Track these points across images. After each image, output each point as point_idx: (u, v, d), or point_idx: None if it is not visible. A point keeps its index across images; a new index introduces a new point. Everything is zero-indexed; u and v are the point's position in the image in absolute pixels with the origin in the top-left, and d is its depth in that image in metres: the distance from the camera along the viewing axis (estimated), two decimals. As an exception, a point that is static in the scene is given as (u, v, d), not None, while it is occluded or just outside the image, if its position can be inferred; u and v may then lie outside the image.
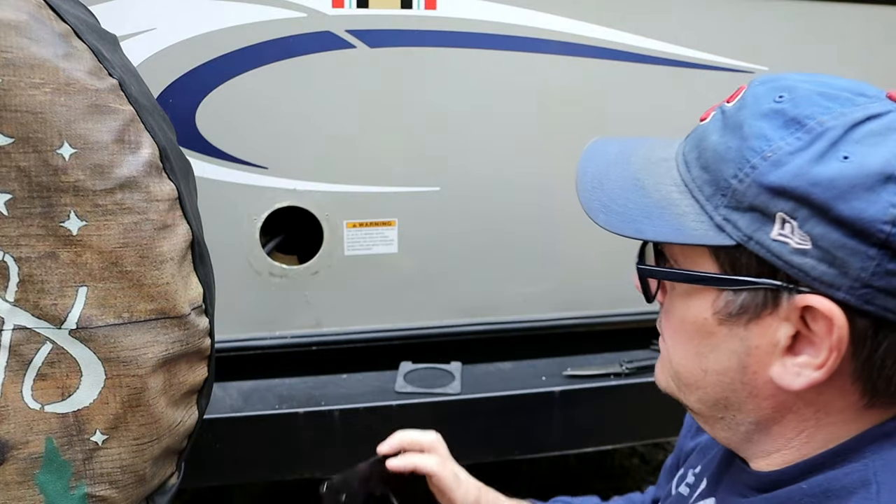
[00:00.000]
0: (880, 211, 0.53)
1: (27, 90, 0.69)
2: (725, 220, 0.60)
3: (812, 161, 0.56)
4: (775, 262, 0.57)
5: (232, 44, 1.06)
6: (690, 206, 0.63)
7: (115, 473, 0.79)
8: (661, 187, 0.66)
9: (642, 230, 0.64)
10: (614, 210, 0.67)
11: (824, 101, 0.58)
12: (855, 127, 0.56)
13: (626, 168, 0.70)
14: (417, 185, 1.22)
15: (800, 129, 0.57)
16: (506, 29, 1.15)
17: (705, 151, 0.63)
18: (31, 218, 0.72)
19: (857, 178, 0.54)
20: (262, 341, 1.24)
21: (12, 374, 0.75)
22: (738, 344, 0.61)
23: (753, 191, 0.58)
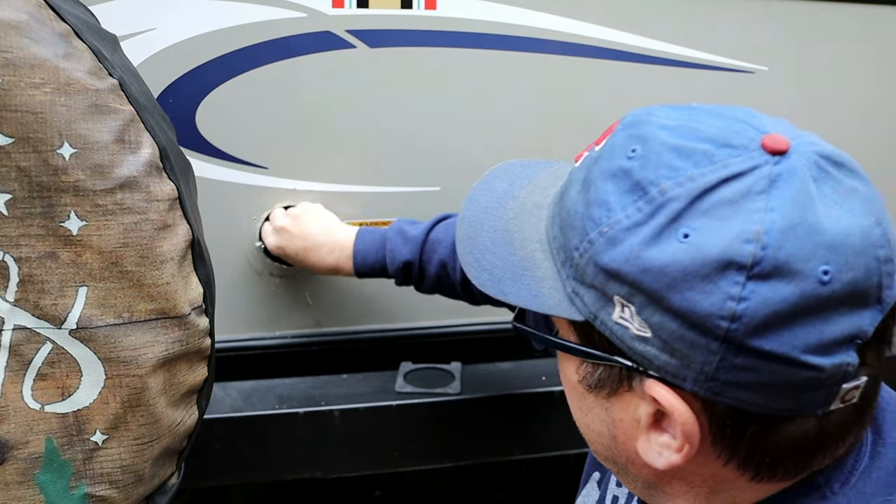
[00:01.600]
0: (716, 304, 0.47)
1: (27, 90, 0.69)
2: (574, 293, 0.55)
3: (647, 241, 0.49)
4: (620, 346, 0.53)
5: (232, 44, 1.06)
6: (550, 270, 0.58)
7: (115, 473, 0.79)
8: (528, 244, 0.61)
9: (505, 292, 0.60)
10: (484, 266, 0.62)
11: (675, 158, 0.50)
12: (704, 195, 0.48)
13: (500, 216, 0.65)
14: (417, 186, 1.22)
15: (642, 197, 0.50)
16: (506, 29, 1.15)
17: (563, 209, 0.58)
18: (31, 218, 0.72)
19: (692, 266, 0.47)
20: (262, 341, 1.24)
21: (12, 373, 0.75)
22: (605, 414, 0.58)
23: (591, 269, 0.53)
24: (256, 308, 1.22)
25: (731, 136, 0.51)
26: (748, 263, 0.46)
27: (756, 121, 0.52)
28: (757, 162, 0.49)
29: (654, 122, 0.54)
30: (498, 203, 0.67)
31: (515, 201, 0.66)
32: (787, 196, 0.47)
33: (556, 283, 0.57)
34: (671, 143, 0.51)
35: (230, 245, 1.18)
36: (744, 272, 0.46)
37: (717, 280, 0.47)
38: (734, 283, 0.47)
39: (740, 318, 0.47)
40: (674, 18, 1.21)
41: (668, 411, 0.52)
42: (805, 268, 0.46)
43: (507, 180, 0.70)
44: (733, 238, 0.47)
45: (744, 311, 0.47)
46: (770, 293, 0.46)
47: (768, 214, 0.47)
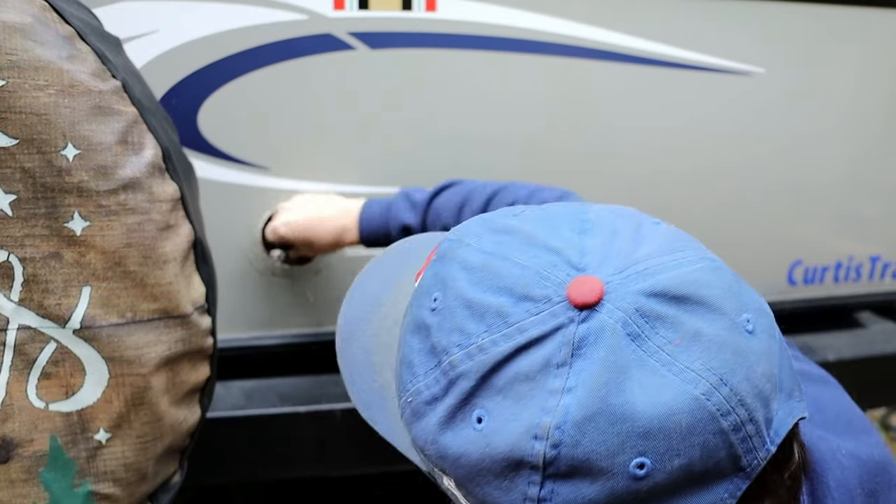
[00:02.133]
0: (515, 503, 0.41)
1: (31, 92, 0.70)
2: (413, 443, 0.48)
3: (442, 423, 0.43)
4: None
5: (234, 46, 1.07)
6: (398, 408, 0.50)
7: (118, 471, 0.80)
8: (384, 371, 0.53)
9: (374, 420, 0.53)
10: (356, 386, 0.56)
11: (467, 320, 0.42)
12: (497, 369, 0.41)
13: (364, 330, 0.57)
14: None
15: (437, 366, 0.43)
16: (507, 31, 1.16)
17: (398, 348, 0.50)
18: (35, 218, 0.73)
19: (483, 462, 0.41)
20: (263, 341, 1.24)
21: (17, 372, 0.76)
22: None
23: (410, 434, 0.47)
24: (258, 307, 1.23)
25: (534, 283, 0.42)
26: (540, 463, 0.39)
27: (574, 250, 0.43)
28: (560, 321, 0.40)
29: (461, 259, 0.46)
30: (365, 314, 0.59)
31: (380, 313, 0.57)
32: (589, 369, 0.39)
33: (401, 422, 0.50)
34: (466, 298, 0.43)
35: (232, 245, 1.18)
36: (538, 472, 0.40)
37: (512, 477, 0.40)
38: (530, 482, 0.40)
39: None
40: (672, 20, 1.22)
41: None
42: (611, 464, 0.39)
43: (379, 278, 0.61)
44: (522, 432, 0.40)
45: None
46: (573, 494, 0.39)
47: (564, 398, 0.39)
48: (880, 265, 1.52)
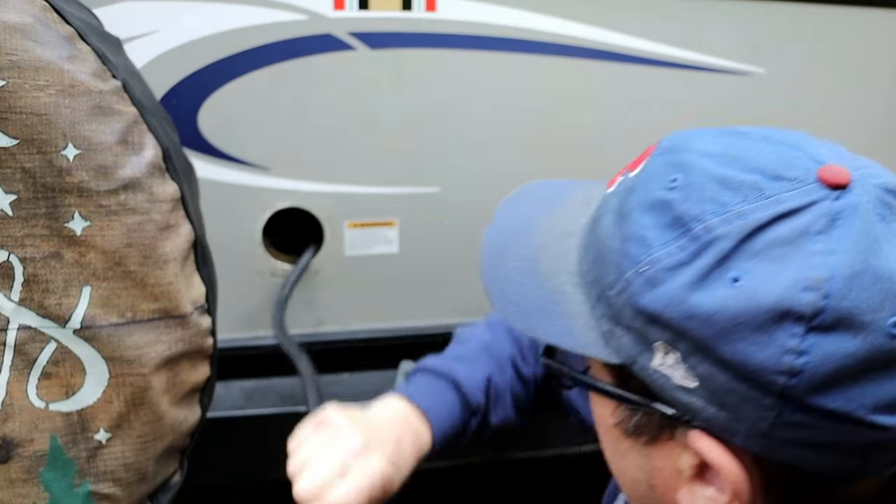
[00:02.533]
0: (772, 358, 0.42)
1: (32, 92, 0.70)
2: (610, 334, 0.50)
3: (692, 284, 0.44)
4: (661, 395, 0.48)
5: (234, 46, 1.07)
6: (582, 305, 0.52)
7: (118, 471, 0.80)
8: (556, 276, 0.55)
9: (533, 327, 0.54)
10: (510, 298, 0.57)
11: (721, 192, 0.45)
12: (755, 233, 0.43)
13: (526, 244, 0.59)
14: (418, 186, 1.22)
15: (685, 234, 0.45)
16: (506, 31, 1.16)
17: (596, 240, 0.52)
18: (35, 218, 0.73)
19: (744, 315, 0.42)
20: (263, 341, 1.24)
21: (17, 372, 0.76)
22: (643, 461, 0.52)
23: (629, 311, 0.48)
24: (258, 307, 1.23)
25: (783, 167, 0.45)
26: (808, 314, 0.41)
27: (811, 148, 0.47)
28: (814, 197, 0.44)
29: (696, 149, 0.49)
30: (524, 228, 0.61)
31: (542, 228, 0.60)
32: (849, 237, 0.42)
33: (590, 320, 0.52)
34: (716, 174, 0.46)
35: (232, 245, 1.18)
36: (803, 323, 0.42)
37: (772, 331, 0.42)
38: (792, 334, 0.42)
39: (799, 374, 0.42)
40: (672, 20, 1.22)
41: (715, 467, 0.46)
42: (873, 319, 0.41)
43: (532, 203, 0.64)
44: (790, 285, 0.42)
45: (803, 365, 0.42)
46: (833, 347, 0.42)
47: (829, 258, 0.42)
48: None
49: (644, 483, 0.53)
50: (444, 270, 1.29)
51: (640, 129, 1.27)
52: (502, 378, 0.95)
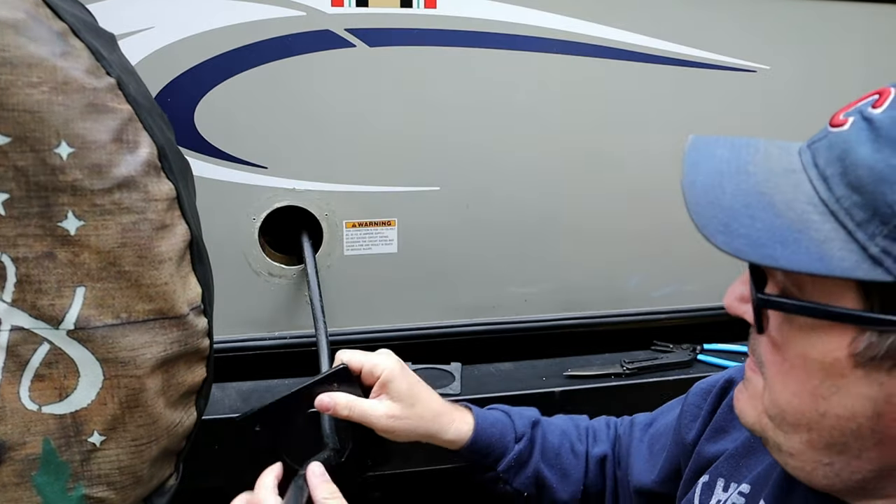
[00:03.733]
0: None
1: (24, 89, 0.69)
2: (884, 253, 0.51)
3: None
4: None
5: (231, 42, 1.06)
6: (835, 232, 0.54)
7: (113, 474, 0.79)
8: (796, 205, 0.57)
9: (775, 257, 0.55)
10: (737, 231, 0.57)
11: None
12: None
13: (745, 179, 0.60)
14: (417, 185, 1.21)
15: None
16: (506, 28, 1.15)
17: (855, 168, 0.54)
18: (28, 218, 0.72)
19: None
20: (261, 341, 1.23)
21: (9, 374, 0.74)
22: (877, 390, 0.54)
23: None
24: (255, 308, 1.22)
25: None
26: None
27: None
28: None
29: None
30: (733, 169, 0.62)
31: (756, 167, 0.61)
32: None
33: (848, 244, 0.53)
34: None
35: (229, 245, 1.17)
36: None
37: None
38: None
39: None
40: (676, 17, 1.21)
41: None
42: None
43: (727, 148, 0.65)
44: None
45: None
46: None
47: None
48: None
49: (866, 415, 0.54)
50: (443, 270, 1.28)
51: (642, 126, 1.27)
52: (556, 432, 1.02)
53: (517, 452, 0.97)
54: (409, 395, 0.93)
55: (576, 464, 1.00)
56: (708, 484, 0.79)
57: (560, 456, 0.99)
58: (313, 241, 1.21)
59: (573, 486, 0.99)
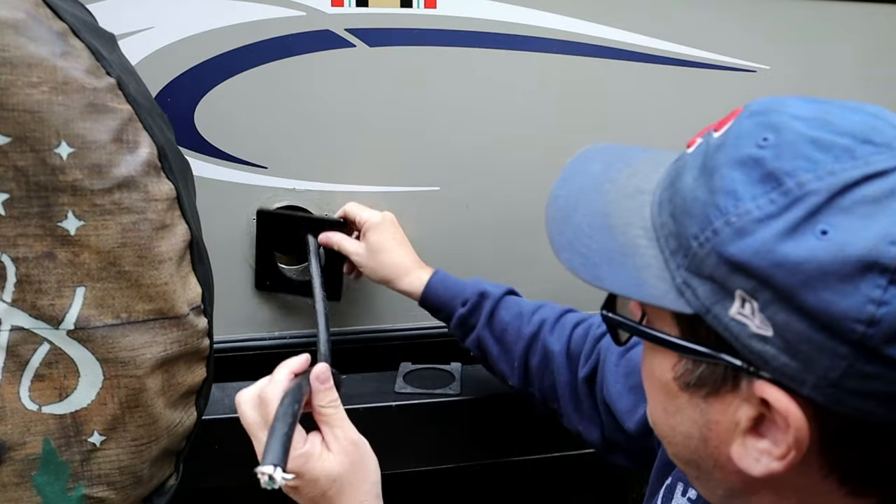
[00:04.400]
0: (854, 307, 0.45)
1: (24, 89, 0.69)
2: (685, 285, 0.52)
3: (781, 235, 0.47)
4: (733, 343, 0.50)
5: (231, 42, 1.06)
6: (655, 259, 0.55)
7: (113, 474, 0.79)
8: (629, 229, 0.58)
9: (601, 277, 0.57)
10: (578, 249, 0.60)
11: (814, 151, 0.48)
12: (845, 191, 0.46)
13: (597, 199, 0.62)
14: (417, 185, 1.21)
15: (776, 188, 0.48)
16: (507, 28, 1.15)
17: (676, 195, 0.55)
18: (28, 218, 0.72)
19: (832, 264, 0.45)
20: (261, 342, 1.23)
21: (9, 374, 0.75)
22: (699, 415, 0.55)
23: (713, 260, 0.50)
24: (255, 308, 1.22)
25: (871, 133, 0.49)
26: (893, 266, 0.44)
27: (891, 118, 0.52)
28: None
29: (787, 112, 0.52)
30: (594, 185, 0.64)
31: (613, 185, 0.63)
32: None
33: (663, 272, 0.54)
34: (808, 135, 0.49)
35: (229, 245, 1.17)
36: (887, 275, 0.44)
37: (857, 281, 0.45)
38: (876, 285, 0.44)
39: (878, 324, 0.44)
40: (675, 17, 1.21)
41: (781, 416, 0.49)
42: None
43: (601, 162, 0.67)
44: (878, 238, 0.45)
45: (883, 315, 0.44)
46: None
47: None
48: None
49: (696, 438, 0.56)
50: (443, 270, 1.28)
51: (642, 126, 1.27)
52: (513, 311, 1.08)
53: (459, 316, 1.08)
54: (376, 245, 1.12)
55: (519, 345, 1.05)
56: (669, 487, 0.78)
57: (506, 332, 1.06)
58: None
59: (511, 364, 1.07)
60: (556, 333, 1.04)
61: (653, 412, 0.61)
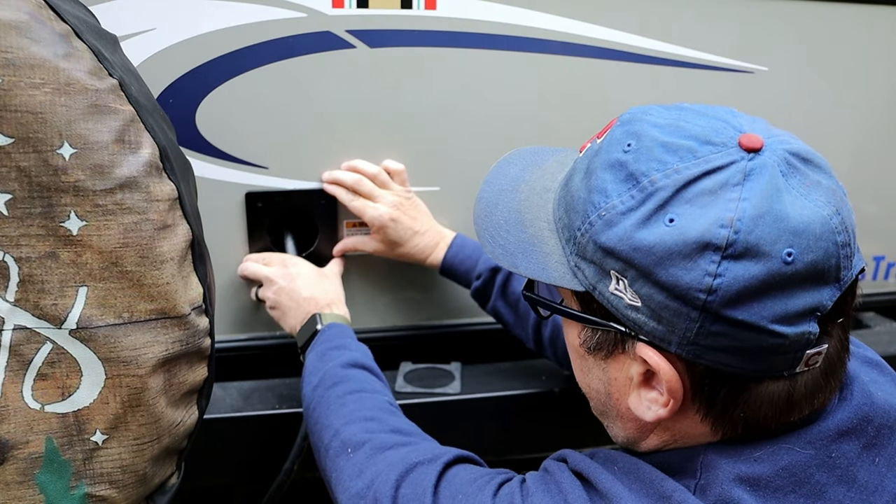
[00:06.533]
0: (696, 279, 0.55)
1: (27, 90, 0.69)
2: (577, 267, 0.63)
3: (638, 224, 0.57)
4: (615, 314, 0.61)
5: (232, 44, 1.06)
6: (555, 247, 0.66)
7: (115, 473, 0.79)
8: (536, 223, 0.69)
9: (517, 265, 0.68)
10: (498, 242, 0.71)
11: (664, 153, 0.58)
12: (688, 185, 0.56)
13: (513, 198, 0.74)
14: (417, 185, 1.22)
15: (635, 186, 0.58)
16: (506, 29, 1.15)
17: (568, 194, 0.65)
18: (31, 218, 0.72)
19: (676, 246, 0.55)
20: (262, 341, 1.24)
21: (12, 373, 0.75)
22: (602, 373, 0.67)
23: (591, 247, 0.60)
24: (256, 308, 1.22)
25: (712, 135, 0.58)
26: (723, 245, 0.54)
27: (736, 120, 0.60)
28: (734, 158, 0.56)
29: (648, 121, 0.61)
30: (511, 186, 0.75)
31: (527, 185, 0.74)
32: (757, 188, 0.55)
33: (561, 258, 0.65)
34: (661, 140, 0.59)
35: (230, 245, 1.18)
36: (719, 252, 0.54)
37: (696, 259, 0.55)
38: (711, 261, 0.54)
39: (716, 292, 0.55)
40: (674, 19, 1.21)
41: (655, 370, 0.60)
42: (772, 250, 0.54)
43: (519, 165, 0.78)
44: (711, 223, 0.54)
45: (719, 285, 0.55)
46: (741, 271, 0.54)
47: (741, 203, 0.55)
48: (884, 265, 1.52)
49: (604, 392, 0.68)
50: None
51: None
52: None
53: (474, 289, 1.17)
54: (392, 240, 1.17)
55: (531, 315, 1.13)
56: None
57: (519, 302, 1.14)
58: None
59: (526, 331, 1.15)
60: None
61: (576, 374, 0.72)
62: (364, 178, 1.15)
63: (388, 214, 1.14)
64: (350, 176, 1.15)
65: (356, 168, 1.16)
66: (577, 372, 0.72)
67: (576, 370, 0.72)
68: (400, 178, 1.18)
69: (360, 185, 1.15)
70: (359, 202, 1.15)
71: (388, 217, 1.14)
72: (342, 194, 1.16)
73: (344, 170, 1.17)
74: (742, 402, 0.60)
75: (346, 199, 1.15)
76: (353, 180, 1.15)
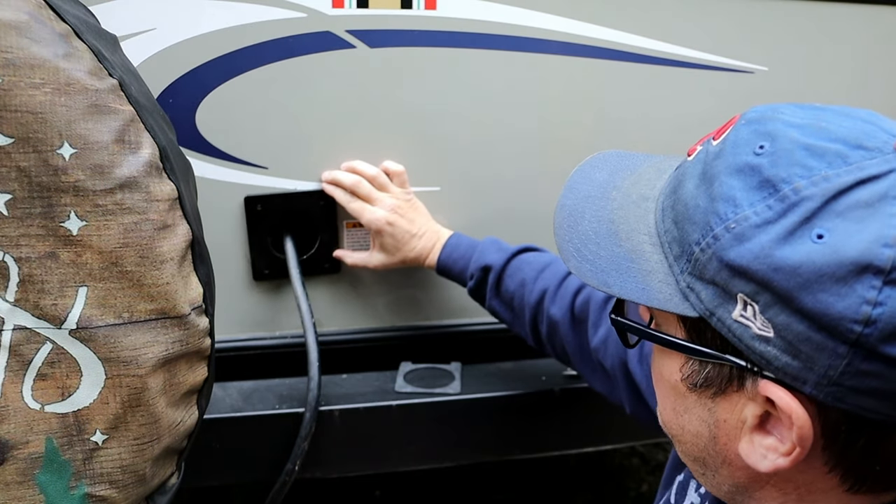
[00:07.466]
0: (851, 307, 0.46)
1: (27, 90, 0.69)
2: (689, 289, 0.54)
3: (779, 240, 0.48)
4: (737, 345, 0.52)
5: (232, 44, 1.06)
6: (659, 264, 0.57)
7: (115, 473, 0.79)
8: (634, 236, 0.60)
9: (609, 283, 0.59)
10: (586, 256, 0.62)
11: (808, 157, 0.49)
12: (839, 195, 0.47)
13: (603, 206, 0.64)
14: (417, 185, 1.22)
15: (773, 194, 0.49)
16: (506, 29, 1.15)
17: (678, 202, 0.57)
18: (31, 218, 0.72)
19: (827, 267, 0.46)
20: (262, 341, 1.24)
21: (12, 374, 0.75)
22: (707, 414, 0.57)
23: (714, 265, 0.52)
24: (256, 308, 1.22)
25: (863, 138, 0.50)
26: (886, 268, 0.45)
27: (883, 123, 0.52)
28: (893, 165, 0.48)
29: (782, 120, 0.53)
30: (600, 193, 0.66)
31: (619, 192, 0.65)
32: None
33: (668, 277, 0.56)
34: (803, 142, 0.50)
35: (230, 245, 1.18)
36: (881, 276, 0.45)
37: (852, 283, 0.46)
38: (871, 286, 0.45)
39: (874, 323, 0.46)
40: (674, 18, 1.21)
41: (785, 413, 0.50)
42: None
43: (607, 170, 0.69)
44: (872, 241, 0.46)
45: (879, 316, 0.45)
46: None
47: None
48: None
49: (706, 436, 0.57)
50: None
51: (642, 127, 1.27)
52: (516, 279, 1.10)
53: (469, 289, 1.15)
54: (388, 247, 1.16)
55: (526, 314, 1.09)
56: (682, 483, 0.79)
57: (513, 300, 1.11)
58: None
59: (524, 329, 1.12)
60: (557, 302, 1.06)
61: (663, 412, 0.62)
62: (363, 179, 1.15)
63: (384, 218, 1.14)
64: (349, 177, 1.15)
65: (355, 169, 1.15)
66: (665, 411, 0.61)
67: (664, 409, 0.61)
68: (399, 179, 1.17)
69: (359, 187, 1.14)
70: (356, 204, 1.15)
71: (385, 221, 1.14)
72: (340, 195, 1.15)
73: (343, 170, 1.16)
74: (882, 455, 0.51)
75: (344, 200, 1.15)
76: (351, 182, 1.14)
